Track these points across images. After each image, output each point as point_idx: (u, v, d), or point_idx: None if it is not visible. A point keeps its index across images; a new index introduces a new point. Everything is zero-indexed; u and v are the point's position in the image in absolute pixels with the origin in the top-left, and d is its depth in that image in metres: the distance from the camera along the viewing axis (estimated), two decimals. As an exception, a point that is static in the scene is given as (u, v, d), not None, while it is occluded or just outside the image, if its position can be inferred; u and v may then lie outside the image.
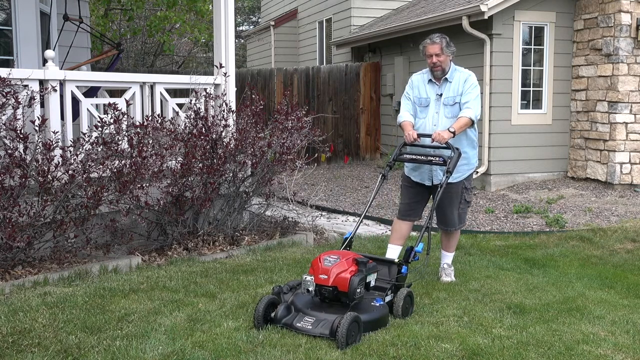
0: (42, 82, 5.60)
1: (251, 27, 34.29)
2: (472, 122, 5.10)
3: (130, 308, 4.35)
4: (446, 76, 5.20)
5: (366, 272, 4.19)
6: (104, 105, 5.98)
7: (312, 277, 4.10)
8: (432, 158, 5.00)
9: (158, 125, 5.83)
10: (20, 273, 4.96)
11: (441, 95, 5.19)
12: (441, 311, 4.52)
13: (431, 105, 5.21)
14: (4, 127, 4.94)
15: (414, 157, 5.11)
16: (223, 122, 6.25)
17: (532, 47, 10.50)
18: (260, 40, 21.24)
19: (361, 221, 5.19)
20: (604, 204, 9.06)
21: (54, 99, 5.64)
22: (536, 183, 10.41)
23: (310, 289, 4.09)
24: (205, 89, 6.37)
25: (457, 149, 4.98)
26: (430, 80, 5.27)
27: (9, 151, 4.90)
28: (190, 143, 5.89)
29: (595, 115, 10.12)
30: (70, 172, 5.12)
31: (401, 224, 5.40)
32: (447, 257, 5.52)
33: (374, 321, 4.07)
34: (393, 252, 5.30)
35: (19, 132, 4.92)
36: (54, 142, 5.09)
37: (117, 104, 5.62)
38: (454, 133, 4.96)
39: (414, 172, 5.30)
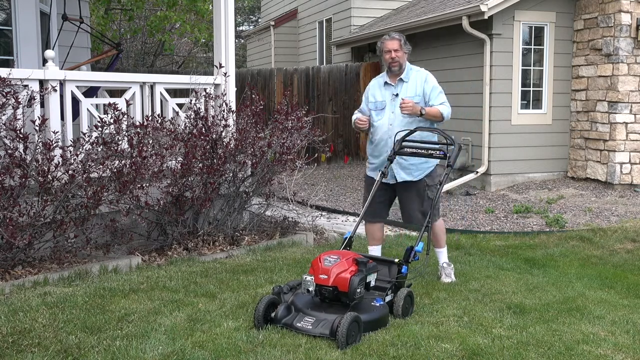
0: (42, 82, 5.60)
1: (251, 27, 34.30)
2: (442, 119, 5.21)
3: (130, 308, 4.35)
4: (401, 76, 5.24)
5: (366, 272, 4.19)
6: (104, 105, 5.99)
7: (312, 277, 4.10)
8: (432, 152, 5.02)
9: (158, 125, 5.83)
10: (20, 273, 4.96)
11: (397, 95, 5.23)
12: (441, 311, 4.52)
13: (387, 106, 5.26)
14: (4, 127, 4.94)
15: (414, 150, 5.12)
16: (223, 122, 6.25)
17: (532, 47, 10.50)
18: (260, 40, 21.24)
19: (361, 220, 5.19)
20: (604, 204, 9.06)
21: (54, 99, 5.64)
22: (536, 183, 10.41)
23: (310, 289, 4.09)
24: (205, 89, 6.36)
25: (456, 143, 5.01)
26: (385, 83, 5.31)
27: (9, 151, 4.89)
28: (190, 143, 5.89)
29: (595, 115, 10.12)
30: (70, 172, 5.12)
31: (372, 227, 5.50)
32: (441, 254, 5.49)
33: (374, 321, 4.07)
34: (376, 253, 5.42)
35: (19, 132, 4.92)
36: (54, 142, 5.08)
37: (117, 104, 5.62)
38: (422, 112, 5.07)
39: (377, 172, 5.29)
